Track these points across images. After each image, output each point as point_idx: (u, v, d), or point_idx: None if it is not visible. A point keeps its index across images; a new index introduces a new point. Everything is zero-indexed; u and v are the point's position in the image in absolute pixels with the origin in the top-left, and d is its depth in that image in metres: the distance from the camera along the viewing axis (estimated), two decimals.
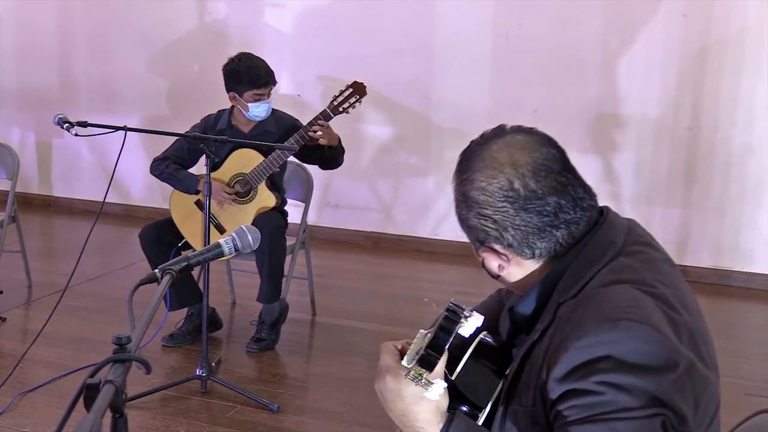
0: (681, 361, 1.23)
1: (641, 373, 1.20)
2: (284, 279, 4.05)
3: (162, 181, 4.01)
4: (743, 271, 5.19)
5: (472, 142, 1.44)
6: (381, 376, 1.36)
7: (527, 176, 1.34)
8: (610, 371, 1.21)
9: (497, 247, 1.39)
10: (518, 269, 1.40)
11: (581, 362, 1.23)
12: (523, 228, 1.34)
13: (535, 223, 1.34)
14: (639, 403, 1.20)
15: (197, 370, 3.48)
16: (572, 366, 1.23)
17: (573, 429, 1.22)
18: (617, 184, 5.33)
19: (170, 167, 3.96)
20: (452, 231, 1.37)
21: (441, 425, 1.32)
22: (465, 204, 1.39)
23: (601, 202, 1.44)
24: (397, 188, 5.88)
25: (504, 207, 1.34)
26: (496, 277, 1.44)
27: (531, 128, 1.43)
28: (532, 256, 1.38)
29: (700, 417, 1.29)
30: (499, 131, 1.42)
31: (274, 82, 3.94)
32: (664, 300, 1.30)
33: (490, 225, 1.36)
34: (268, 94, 3.91)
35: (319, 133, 3.83)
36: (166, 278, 1.53)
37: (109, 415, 1.09)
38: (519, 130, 1.42)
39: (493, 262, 1.41)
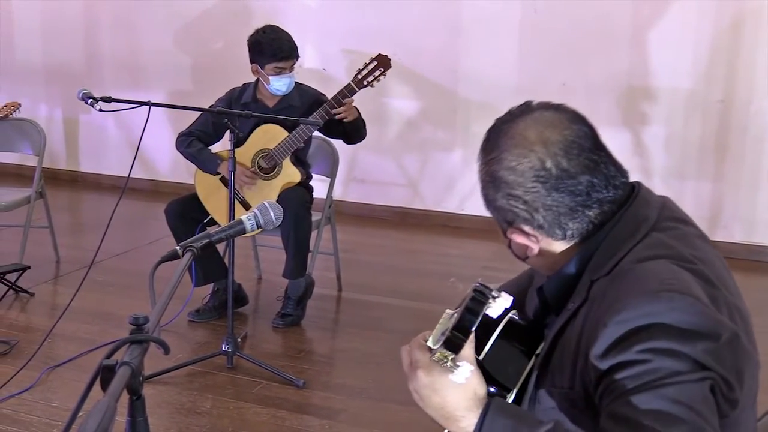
0: (724, 332, 1.19)
1: (684, 339, 1.17)
2: (310, 254, 4.04)
3: (185, 158, 4.00)
4: None
5: (497, 119, 1.38)
6: (413, 374, 1.30)
7: (559, 155, 1.29)
8: (653, 339, 1.17)
9: (526, 228, 1.34)
10: (548, 250, 1.36)
11: (621, 335, 1.19)
12: (554, 208, 1.30)
13: (567, 203, 1.30)
14: (686, 367, 1.16)
15: (223, 346, 3.49)
16: (612, 340, 1.20)
17: (623, 402, 1.17)
18: (647, 157, 5.23)
19: (193, 146, 3.94)
20: (479, 206, 1.34)
21: (480, 410, 1.26)
22: (493, 184, 1.34)
23: (632, 176, 1.40)
24: (423, 163, 5.83)
25: (535, 187, 1.30)
26: (524, 258, 1.40)
27: (559, 104, 1.38)
28: (563, 237, 1.33)
29: (746, 393, 1.25)
30: (526, 108, 1.37)
31: (297, 57, 3.90)
32: (702, 276, 1.26)
33: (520, 206, 1.32)
34: (290, 69, 3.87)
35: (342, 113, 3.82)
36: (188, 255, 1.52)
37: (126, 396, 1.07)
38: (547, 106, 1.37)
39: (521, 244, 1.37)
